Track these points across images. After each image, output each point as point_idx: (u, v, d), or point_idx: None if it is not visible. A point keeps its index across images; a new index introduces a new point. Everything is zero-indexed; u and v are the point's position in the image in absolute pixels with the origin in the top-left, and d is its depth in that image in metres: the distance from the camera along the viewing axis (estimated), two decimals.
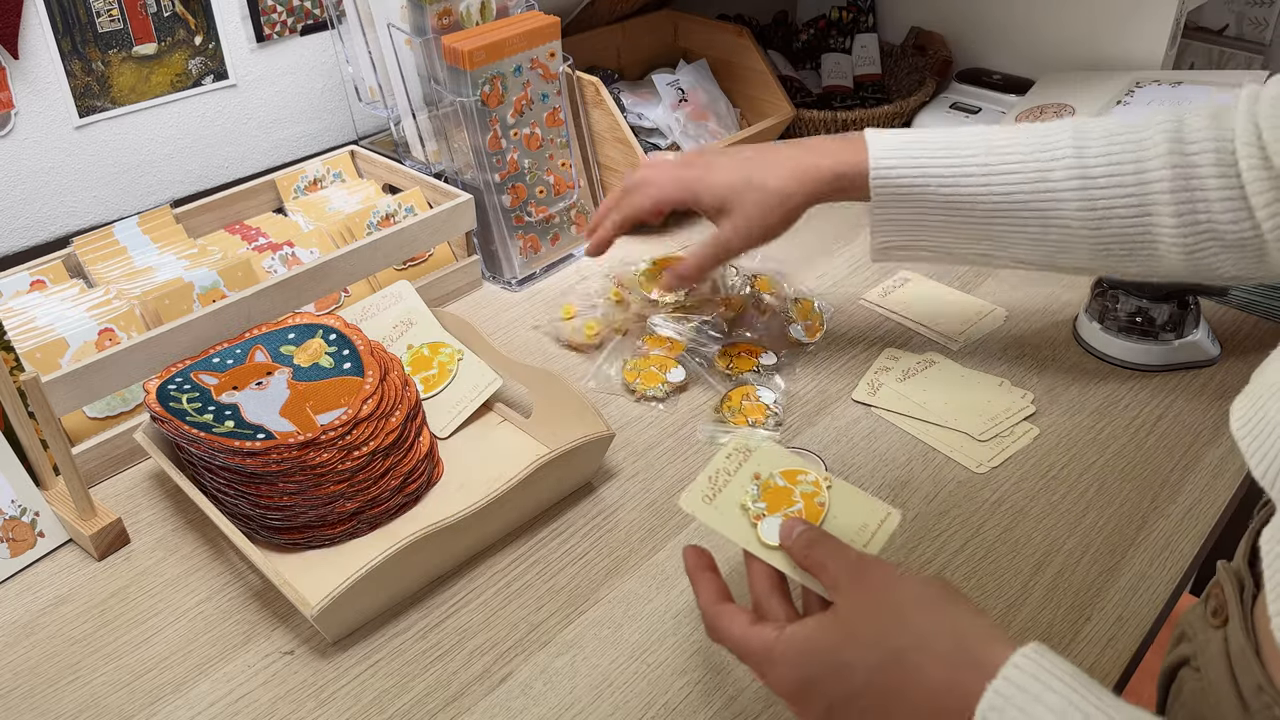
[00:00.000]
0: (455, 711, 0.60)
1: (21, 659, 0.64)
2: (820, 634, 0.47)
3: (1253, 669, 0.43)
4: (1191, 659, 0.50)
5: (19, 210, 0.99)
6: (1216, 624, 0.48)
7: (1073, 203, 0.69)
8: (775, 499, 0.57)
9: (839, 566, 0.48)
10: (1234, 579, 0.48)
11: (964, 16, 1.37)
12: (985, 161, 0.71)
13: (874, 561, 0.48)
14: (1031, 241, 0.73)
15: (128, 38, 0.99)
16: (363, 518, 0.71)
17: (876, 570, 0.48)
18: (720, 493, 0.58)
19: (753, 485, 0.58)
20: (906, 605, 0.46)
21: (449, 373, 0.83)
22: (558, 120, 1.04)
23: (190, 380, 0.74)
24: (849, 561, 0.48)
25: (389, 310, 0.87)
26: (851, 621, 0.46)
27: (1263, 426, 0.43)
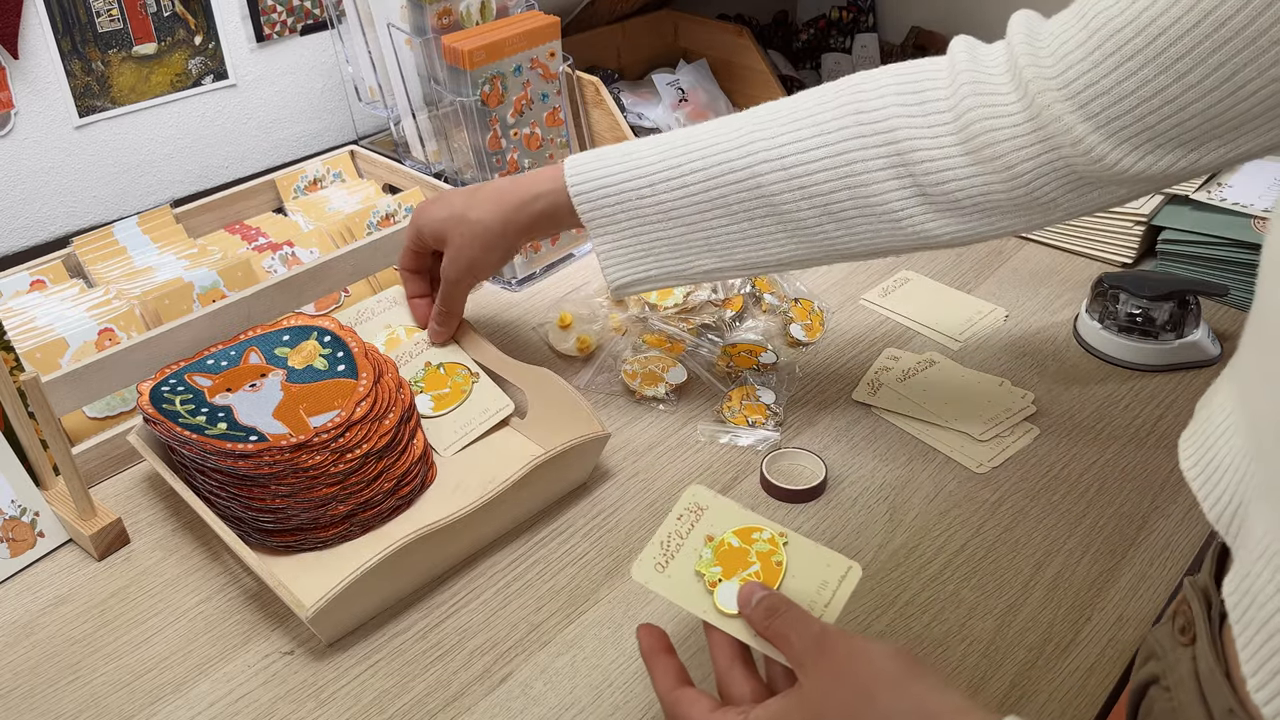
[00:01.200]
0: (455, 711, 0.60)
1: (21, 659, 0.64)
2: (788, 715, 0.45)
3: (1223, 692, 0.42)
4: (1161, 678, 0.49)
5: (19, 210, 0.99)
6: (1185, 642, 0.47)
7: (768, 186, 0.67)
8: (730, 561, 0.54)
9: (802, 640, 0.47)
10: (1201, 596, 0.47)
11: (964, 16, 1.37)
12: (676, 160, 0.70)
13: (837, 634, 0.47)
14: (748, 239, 0.70)
15: (127, 38, 0.99)
16: (356, 520, 0.71)
17: (841, 644, 0.46)
18: (673, 559, 0.55)
19: (706, 549, 0.55)
20: (874, 684, 0.44)
21: (462, 393, 0.82)
22: (558, 120, 1.04)
23: (184, 382, 0.74)
24: (812, 635, 0.47)
25: (384, 314, 0.87)
26: (818, 702, 0.45)
27: (1213, 469, 0.43)
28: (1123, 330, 0.88)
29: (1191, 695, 0.45)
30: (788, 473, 0.77)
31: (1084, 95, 0.56)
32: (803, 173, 0.66)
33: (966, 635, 0.64)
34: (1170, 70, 0.52)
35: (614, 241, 0.74)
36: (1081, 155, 0.57)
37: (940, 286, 1.01)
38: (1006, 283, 1.01)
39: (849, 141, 0.65)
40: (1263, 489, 0.39)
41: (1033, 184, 0.60)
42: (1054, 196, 0.61)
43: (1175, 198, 1.03)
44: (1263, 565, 0.38)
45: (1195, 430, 0.45)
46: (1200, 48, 0.51)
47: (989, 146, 0.60)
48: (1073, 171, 0.59)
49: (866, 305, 0.98)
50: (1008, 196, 0.62)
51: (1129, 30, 0.53)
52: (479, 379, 0.83)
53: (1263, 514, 0.38)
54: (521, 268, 1.04)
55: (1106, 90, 0.55)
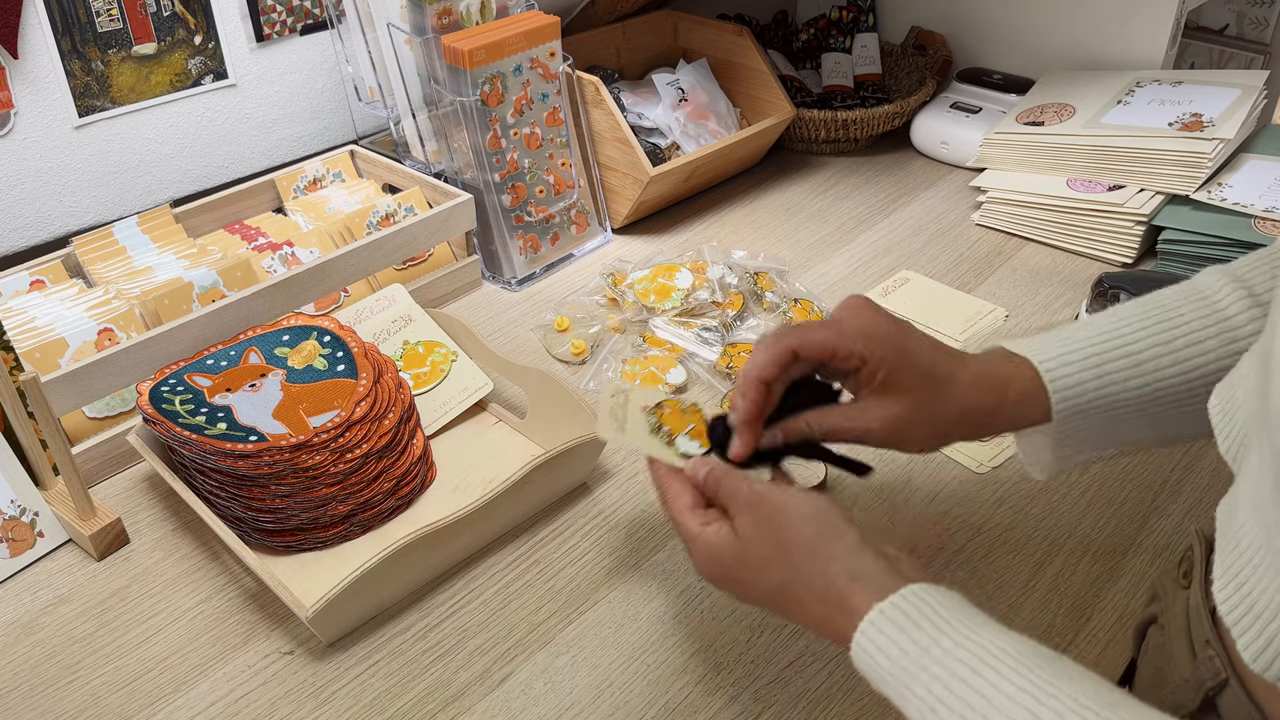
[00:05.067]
0: (455, 711, 0.60)
1: (21, 659, 0.64)
2: (723, 547, 0.53)
3: (1204, 624, 0.46)
4: (1159, 617, 0.52)
5: (19, 210, 0.99)
6: (1184, 585, 0.50)
7: None
8: (674, 422, 0.65)
9: (738, 501, 0.54)
10: (1203, 542, 0.50)
11: (964, 16, 1.37)
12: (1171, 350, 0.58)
13: (766, 493, 0.53)
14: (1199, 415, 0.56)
15: (127, 37, 0.99)
16: (355, 520, 0.71)
17: (767, 504, 0.53)
18: (626, 427, 0.64)
19: (649, 416, 0.65)
20: (789, 543, 0.51)
21: (440, 372, 0.83)
22: (558, 120, 1.04)
23: (184, 382, 0.74)
24: (744, 496, 0.54)
25: (383, 313, 0.87)
26: (746, 547, 0.52)
27: (1231, 405, 0.46)
28: None
29: (1180, 630, 0.48)
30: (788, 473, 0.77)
31: None
32: None
33: None
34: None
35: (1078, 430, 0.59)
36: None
37: (940, 286, 1.01)
38: (1006, 283, 1.01)
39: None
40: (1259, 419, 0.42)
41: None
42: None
43: (1175, 198, 1.03)
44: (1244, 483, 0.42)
45: (1226, 378, 0.48)
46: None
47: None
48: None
49: None
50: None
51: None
52: (457, 358, 0.84)
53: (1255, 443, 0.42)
54: (521, 267, 1.04)
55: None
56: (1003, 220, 1.11)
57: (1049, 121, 1.12)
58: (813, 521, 0.51)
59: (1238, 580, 0.41)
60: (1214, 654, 0.45)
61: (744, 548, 0.52)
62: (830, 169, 1.27)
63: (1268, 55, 1.58)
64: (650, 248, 1.08)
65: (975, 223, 1.13)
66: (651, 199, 1.11)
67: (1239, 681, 0.43)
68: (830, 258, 1.07)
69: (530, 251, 1.05)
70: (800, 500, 0.52)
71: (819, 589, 0.49)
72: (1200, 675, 0.45)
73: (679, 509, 0.57)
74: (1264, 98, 1.12)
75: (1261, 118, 1.14)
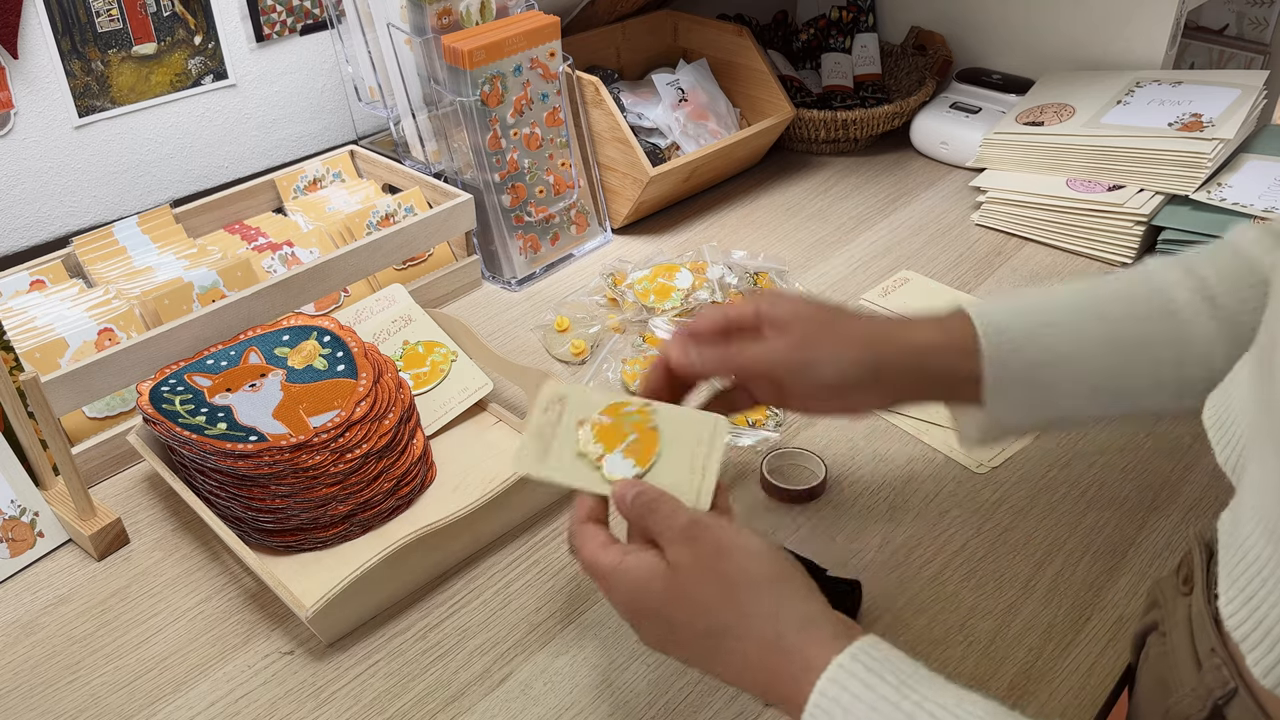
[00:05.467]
0: (455, 711, 0.60)
1: (21, 659, 0.64)
2: (652, 579, 0.48)
3: (1208, 631, 0.45)
4: (1160, 624, 0.52)
5: (19, 210, 0.99)
6: (1185, 591, 0.50)
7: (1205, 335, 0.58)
8: (609, 437, 0.57)
9: (671, 532, 0.49)
10: (1203, 548, 0.50)
11: (964, 16, 1.37)
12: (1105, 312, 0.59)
13: (707, 525, 0.49)
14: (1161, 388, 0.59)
15: (127, 37, 0.99)
16: (355, 520, 0.71)
17: (709, 536, 0.49)
18: (551, 448, 0.58)
19: (582, 431, 0.58)
20: (735, 581, 0.47)
21: (440, 372, 0.83)
22: (558, 120, 1.04)
23: (184, 382, 0.74)
24: (680, 526, 0.49)
25: (383, 313, 0.87)
26: (681, 581, 0.48)
27: (1227, 416, 0.46)
28: None
29: (1183, 638, 0.48)
30: (788, 473, 0.77)
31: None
32: None
33: (966, 635, 0.64)
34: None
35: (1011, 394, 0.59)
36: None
37: (940, 286, 1.01)
38: (1006, 283, 1.01)
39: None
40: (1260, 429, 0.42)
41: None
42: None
43: (1175, 198, 1.03)
44: (1248, 494, 0.41)
45: (1220, 387, 0.48)
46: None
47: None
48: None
49: (866, 305, 0.98)
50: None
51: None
52: (457, 358, 0.84)
53: (1257, 453, 0.41)
54: (521, 267, 1.04)
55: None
56: (1002, 220, 1.11)
57: (1049, 121, 1.12)
58: (762, 559, 0.47)
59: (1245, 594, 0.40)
60: (1220, 662, 0.44)
61: (678, 581, 0.47)
62: (830, 169, 1.27)
63: (1267, 55, 1.58)
64: (650, 248, 1.08)
65: (975, 223, 1.13)
66: (651, 199, 1.11)
67: (1248, 691, 0.43)
68: (830, 258, 1.07)
69: (530, 251, 1.05)
70: (747, 535, 0.48)
71: (767, 636, 0.45)
72: (1208, 684, 0.45)
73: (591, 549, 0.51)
74: (1264, 98, 1.12)
75: (1261, 118, 1.14)
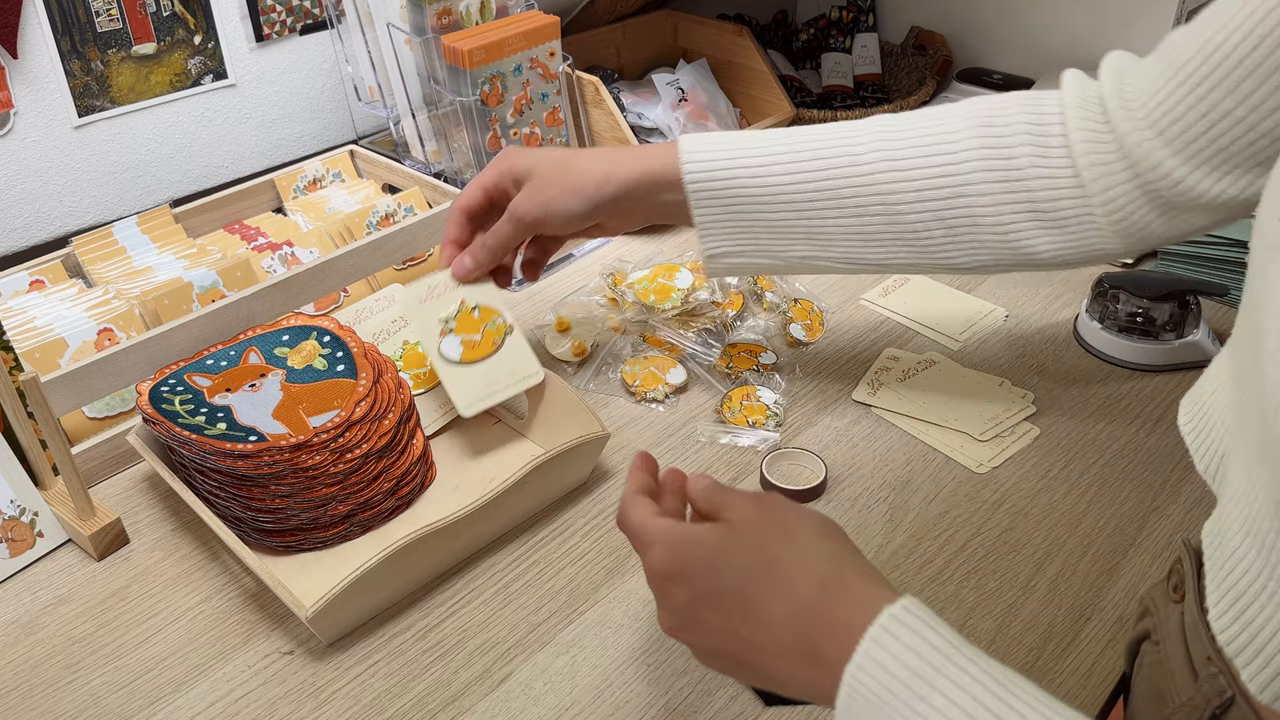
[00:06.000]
0: (455, 711, 0.60)
1: (21, 659, 0.64)
2: (707, 532, 0.48)
3: (1202, 640, 0.45)
4: (1153, 633, 0.52)
5: (18, 210, 0.99)
6: (1176, 599, 0.50)
7: (886, 185, 0.69)
8: (466, 325, 0.72)
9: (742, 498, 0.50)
10: (1192, 556, 0.50)
11: (964, 16, 1.37)
12: (793, 148, 0.70)
13: (778, 497, 0.50)
14: (852, 235, 0.71)
15: (127, 37, 0.99)
16: (355, 520, 0.71)
17: (777, 498, 0.50)
18: (429, 302, 0.72)
19: (455, 306, 0.74)
20: (796, 527, 0.47)
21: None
22: (557, 120, 1.04)
23: (183, 382, 0.74)
24: (750, 495, 0.50)
25: (382, 313, 0.87)
26: (739, 526, 0.48)
27: (1205, 423, 0.46)
28: (1123, 330, 0.88)
29: (1177, 646, 0.47)
30: (788, 473, 0.77)
31: (1162, 123, 0.60)
32: (921, 177, 0.68)
33: (967, 635, 0.64)
34: (1235, 92, 0.56)
35: (714, 215, 0.73)
36: (1163, 179, 0.61)
37: (940, 286, 1.01)
38: (1006, 283, 1.01)
39: (973, 155, 0.67)
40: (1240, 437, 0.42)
41: (1127, 208, 0.64)
42: (1147, 221, 0.64)
43: None
44: (1232, 505, 0.41)
45: (1193, 391, 0.49)
46: (1260, 69, 0.54)
47: (1090, 168, 0.64)
48: (1159, 196, 0.62)
49: (866, 305, 0.98)
50: (1107, 219, 0.65)
51: (1197, 59, 0.57)
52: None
53: (1239, 461, 0.41)
54: None
55: (1180, 116, 0.59)
56: None
57: None
58: (823, 522, 0.49)
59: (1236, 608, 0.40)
60: (1217, 671, 0.43)
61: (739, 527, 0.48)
62: None
63: None
64: (650, 248, 1.08)
65: None
66: None
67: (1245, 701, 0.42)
68: None
69: None
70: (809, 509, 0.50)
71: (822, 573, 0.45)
72: (1205, 694, 0.44)
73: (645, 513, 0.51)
74: None
75: None
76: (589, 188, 0.73)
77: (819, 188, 0.70)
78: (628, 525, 0.52)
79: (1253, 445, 0.40)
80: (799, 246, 0.73)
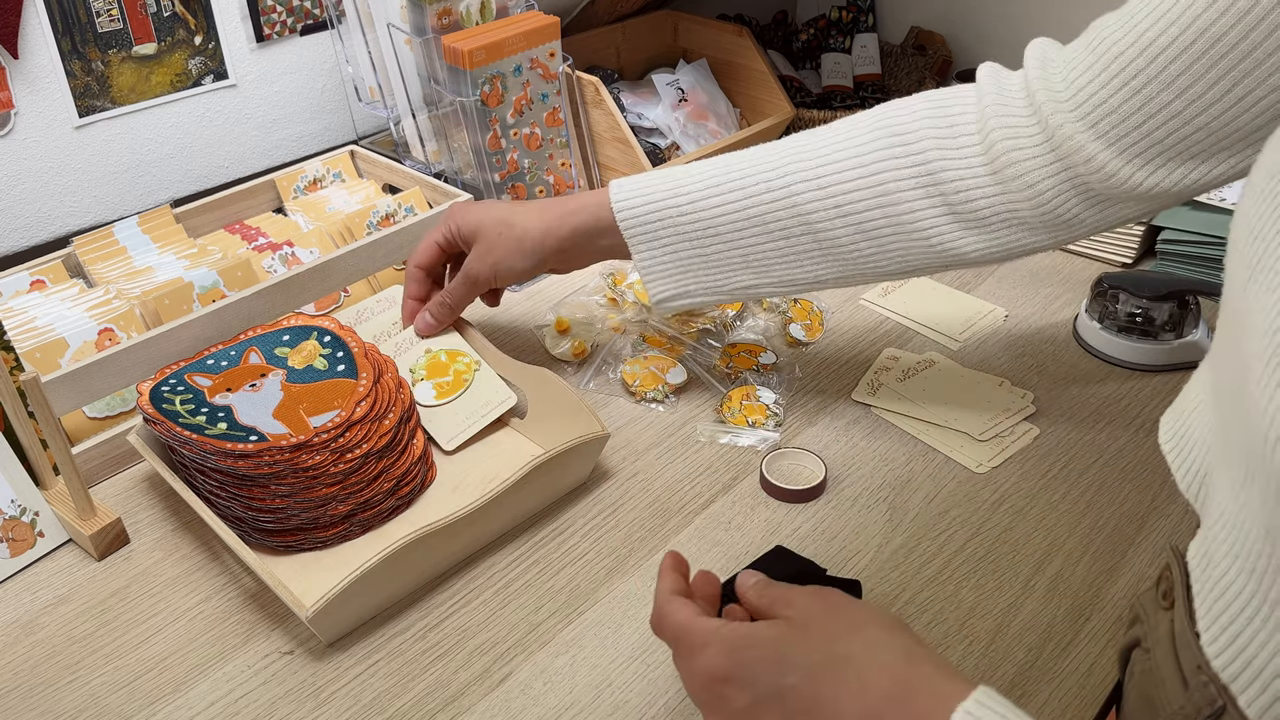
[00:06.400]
0: (455, 711, 0.60)
1: (21, 659, 0.64)
2: (767, 629, 0.47)
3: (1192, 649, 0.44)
4: (1143, 640, 0.51)
5: (19, 210, 0.99)
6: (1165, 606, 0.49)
7: (805, 205, 0.69)
8: (434, 369, 0.79)
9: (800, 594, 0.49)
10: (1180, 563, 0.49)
11: (964, 16, 1.37)
12: (715, 178, 0.72)
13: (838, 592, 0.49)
14: (785, 257, 0.72)
15: (127, 38, 0.99)
16: (355, 520, 0.71)
17: (837, 593, 0.49)
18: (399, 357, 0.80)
19: (421, 355, 0.80)
20: (864, 621, 0.46)
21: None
22: (558, 120, 1.04)
23: (184, 382, 0.74)
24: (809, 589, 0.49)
25: (383, 314, 0.87)
26: (803, 622, 0.46)
27: (1186, 441, 0.45)
28: (1122, 330, 0.88)
29: (1166, 654, 0.47)
30: (788, 473, 0.77)
31: (1093, 115, 0.59)
32: (838, 191, 0.68)
33: (966, 635, 0.64)
34: (1171, 87, 0.55)
35: (654, 257, 0.75)
36: (1095, 172, 0.60)
37: (940, 286, 1.01)
38: (1006, 283, 1.01)
39: (883, 162, 0.67)
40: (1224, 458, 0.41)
41: (1054, 201, 0.63)
42: (1076, 213, 0.64)
43: None
44: (1219, 528, 0.40)
45: (1174, 407, 0.48)
46: (1198, 64, 0.54)
47: (1011, 165, 0.63)
48: (1089, 188, 0.62)
49: (866, 305, 0.98)
50: (1033, 213, 0.64)
51: (1131, 51, 0.56)
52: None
53: (1223, 482, 0.41)
54: None
55: (1114, 109, 0.58)
56: None
57: None
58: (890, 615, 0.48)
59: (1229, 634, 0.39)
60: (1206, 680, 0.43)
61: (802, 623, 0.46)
62: None
63: None
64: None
65: None
66: None
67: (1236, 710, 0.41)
68: None
69: None
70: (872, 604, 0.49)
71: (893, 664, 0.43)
72: (1196, 702, 0.43)
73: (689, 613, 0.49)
74: None
75: None
76: (530, 245, 0.78)
77: (744, 215, 0.71)
78: (669, 628, 0.50)
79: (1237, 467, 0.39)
80: (739, 276, 0.74)
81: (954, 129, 0.66)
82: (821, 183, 0.69)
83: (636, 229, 0.74)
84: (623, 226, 0.74)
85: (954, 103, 0.67)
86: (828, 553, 0.70)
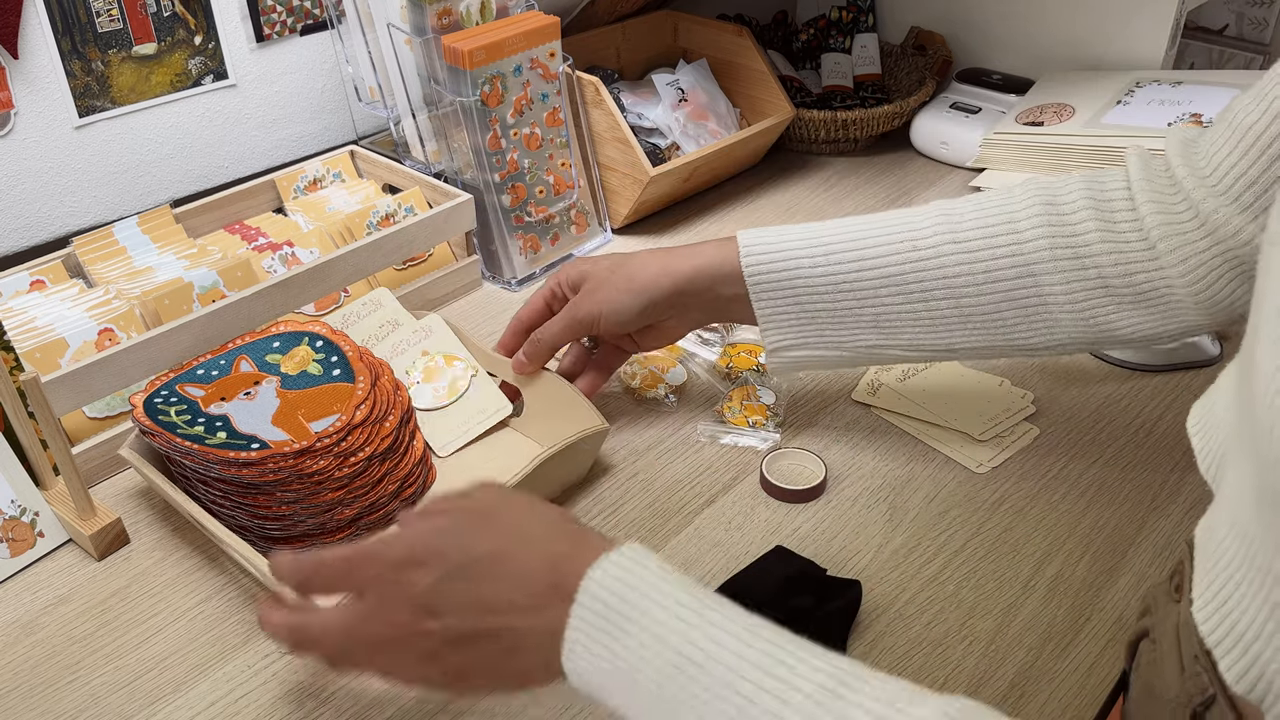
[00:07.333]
0: (455, 711, 0.60)
1: (21, 659, 0.64)
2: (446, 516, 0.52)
3: (1193, 639, 0.45)
4: (1151, 631, 0.52)
5: (19, 210, 0.99)
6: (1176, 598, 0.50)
7: (951, 268, 0.68)
8: (430, 374, 0.79)
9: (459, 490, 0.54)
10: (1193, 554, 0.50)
11: (964, 16, 1.37)
12: (854, 236, 0.70)
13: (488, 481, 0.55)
14: (919, 321, 0.70)
15: (127, 38, 0.99)
16: (362, 524, 0.71)
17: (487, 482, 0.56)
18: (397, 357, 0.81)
19: (421, 359, 0.81)
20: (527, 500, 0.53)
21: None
22: (558, 120, 1.04)
23: (176, 393, 0.73)
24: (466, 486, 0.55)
25: (370, 317, 0.86)
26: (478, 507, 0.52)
27: (1209, 424, 0.46)
28: None
29: (1171, 644, 0.48)
30: (788, 473, 0.77)
31: (1235, 189, 0.60)
32: (988, 258, 0.67)
33: (966, 635, 0.64)
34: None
35: (776, 306, 0.72)
36: (1244, 246, 0.60)
37: None
38: None
39: (1037, 230, 0.66)
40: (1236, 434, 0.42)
41: (1207, 278, 0.63)
42: (1231, 290, 0.63)
43: None
44: (1225, 505, 0.41)
45: (1206, 395, 0.49)
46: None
47: (1166, 240, 0.63)
48: (1243, 264, 0.62)
49: None
50: (1188, 293, 0.64)
51: (1262, 122, 0.57)
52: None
53: (1235, 462, 0.41)
54: (521, 267, 1.04)
55: (1254, 180, 0.59)
56: None
57: (1049, 121, 1.13)
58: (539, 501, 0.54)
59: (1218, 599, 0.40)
60: (1201, 670, 0.44)
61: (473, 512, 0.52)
62: (830, 169, 1.27)
63: (1267, 55, 1.58)
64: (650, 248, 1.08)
65: None
66: (651, 199, 1.11)
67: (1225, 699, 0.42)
68: None
69: (530, 251, 1.05)
70: None
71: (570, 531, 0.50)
72: (1189, 690, 0.44)
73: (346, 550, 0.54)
74: None
75: None
76: (641, 284, 0.74)
77: (882, 274, 0.69)
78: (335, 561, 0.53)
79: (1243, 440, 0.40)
80: (864, 335, 0.72)
81: (1111, 205, 0.65)
82: (969, 246, 0.67)
83: (763, 276, 0.71)
84: (747, 269, 0.71)
85: (1110, 181, 0.66)
86: (828, 553, 0.70)
